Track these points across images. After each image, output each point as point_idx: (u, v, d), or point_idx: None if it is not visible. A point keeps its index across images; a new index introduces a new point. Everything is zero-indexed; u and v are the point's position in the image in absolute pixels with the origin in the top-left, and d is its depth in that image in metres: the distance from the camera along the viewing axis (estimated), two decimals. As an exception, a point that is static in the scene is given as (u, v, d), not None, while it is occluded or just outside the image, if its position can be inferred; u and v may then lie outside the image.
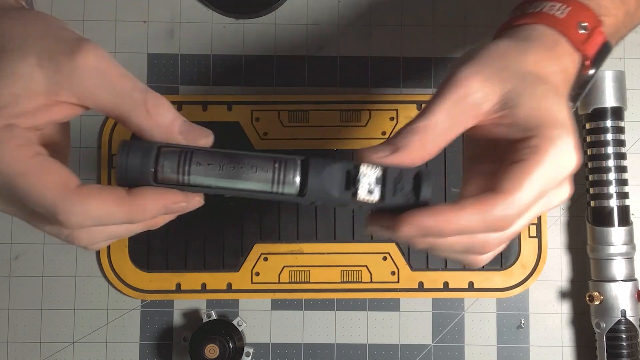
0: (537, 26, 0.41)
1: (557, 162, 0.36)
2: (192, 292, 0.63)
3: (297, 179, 0.34)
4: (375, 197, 0.34)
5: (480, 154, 0.41)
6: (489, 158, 0.40)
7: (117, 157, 0.34)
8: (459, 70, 0.38)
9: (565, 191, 0.38)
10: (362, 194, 0.34)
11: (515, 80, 0.38)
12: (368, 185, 0.34)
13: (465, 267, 0.63)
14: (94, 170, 0.64)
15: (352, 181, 0.34)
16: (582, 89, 0.44)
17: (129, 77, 0.35)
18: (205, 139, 0.36)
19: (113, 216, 0.34)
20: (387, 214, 0.36)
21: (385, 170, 0.35)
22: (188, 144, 0.35)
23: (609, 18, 0.44)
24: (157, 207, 0.35)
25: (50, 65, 0.34)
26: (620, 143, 0.61)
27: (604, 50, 0.44)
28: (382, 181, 0.35)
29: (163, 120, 0.35)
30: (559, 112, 0.37)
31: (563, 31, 0.41)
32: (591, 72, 0.43)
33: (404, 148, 0.36)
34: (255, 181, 0.34)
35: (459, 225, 0.35)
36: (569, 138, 0.36)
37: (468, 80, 0.37)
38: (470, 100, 0.37)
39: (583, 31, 0.42)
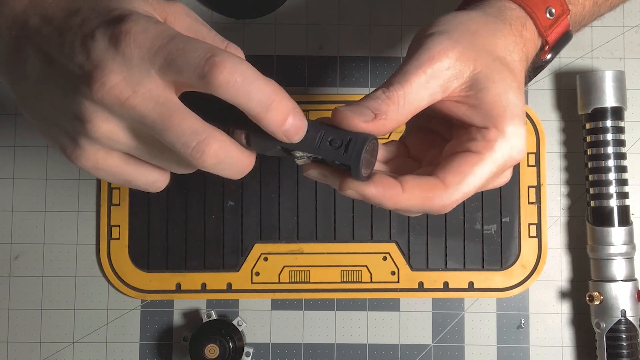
0: (510, 4, 0.42)
1: (506, 157, 0.37)
2: (192, 292, 0.63)
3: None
4: (313, 152, 0.36)
5: (423, 124, 0.42)
6: (433, 129, 0.41)
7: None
8: (434, 40, 0.38)
9: (506, 178, 0.40)
10: (298, 155, 0.36)
11: (486, 63, 0.38)
12: (304, 158, 0.37)
13: (465, 267, 0.63)
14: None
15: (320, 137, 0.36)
16: (533, 75, 0.45)
17: (210, 28, 0.41)
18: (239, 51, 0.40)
19: (260, 85, 0.34)
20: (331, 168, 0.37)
21: (343, 132, 0.36)
22: None
23: (576, 7, 0.45)
24: (288, 112, 0.34)
25: (153, 2, 0.37)
26: (620, 143, 0.61)
27: (564, 39, 0.44)
28: (332, 139, 0.36)
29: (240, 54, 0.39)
30: (517, 105, 0.38)
31: (532, 14, 0.42)
32: (548, 57, 0.44)
33: (383, 116, 0.37)
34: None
35: (399, 204, 0.36)
36: (522, 132, 0.38)
37: (444, 54, 0.37)
38: (444, 75, 0.38)
39: (550, 17, 0.42)
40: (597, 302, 0.60)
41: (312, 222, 0.64)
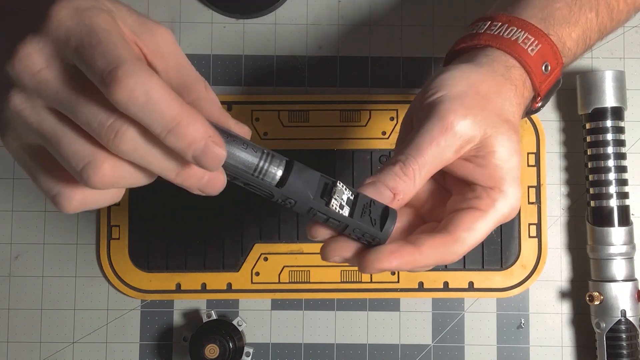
0: (512, 62, 0.43)
1: (505, 214, 0.40)
2: (192, 292, 0.63)
3: (280, 172, 0.36)
4: (346, 212, 0.36)
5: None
6: (440, 181, 0.43)
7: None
8: (446, 108, 0.39)
9: None
10: (335, 205, 0.36)
11: (495, 127, 0.40)
12: (341, 200, 0.37)
13: (465, 267, 0.63)
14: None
15: (327, 191, 0.36)
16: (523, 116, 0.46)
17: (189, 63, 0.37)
18: (240, 127, 0.37)
19: (164, 107, 0.31)
20: (348, 243, 0.38)
21: (358, 195, 0.37)
22: (223, 125, 0.36)
23: (568, 58, 0.47)
24: (204, 130, 0.31)
25: (136, 19, 0.34)
26: (620, 143, 0.61)
27: (554, 87, 0.46)
28: (353, 203, 0.37)
29: (214, 97, 0.36)
30: (518, 168, 0.41)
31: (530, 72, 0.43)
32: (539, 105, 0.46)
33: (401, 195, 0.39)
34: (241, 157, 0.35)
35: (419, 264, 0.38)
36: (519, 194, 0.40)
37: (457, 123, 0.39)
38: (457, 143, 0.39)
39: (545, 71, 0.44)
40: (597, 302, 0.60)
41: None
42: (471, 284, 0.63)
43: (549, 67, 0.44)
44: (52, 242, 0.64)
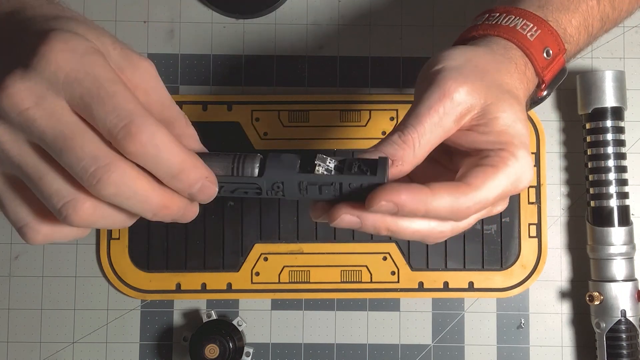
0: (511, 45, 0.43)
1: (516, 175, 0.38)
2: (192, 292, 0.63)
3: (257, 164, 0.37)
4: (332, 172, 0.36)
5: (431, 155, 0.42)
6: (435, 158, 0.42)
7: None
8: (444, 77, 0.39)
9: (504, 205, 0.41)
10: (320, 170, 0.36)
11: (496, 95, 0.39)
12: (326, 165, 0.36)
13: (465, 267, 0.63)
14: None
15: (309, 162, 0.37)
16: (528, 110, 0.46)
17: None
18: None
19: (171, 157, 0.33)
20: (352, 204, 0.37)
21: (344, 159, 0.37)
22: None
23: (571, 45, 0.46)
24: (203, 173, 0.35)
25: (120, 52, 0.35)
26: (620, 143, 0.61)
27: (560, 75, 0.46)
28: (340, 166, 0.37)
29: (194, 132, 0.38)
30: (525, 135, 0.39)
31: (530, 56, 0.43)
32: (544, 94, 0.46)
33: (399, 162, 0.38)
34: (217, 164, 0.36)
35: (431, 207, 0.36)
36: (529, 160, 0.39)
37: (455, 90, 0.38)
38: (457, 111, 0.38)
39: (547, 57, 0.44)
40: (597, 302, 0.60)
41: (312, 222, 0.63)
42: (471, 284, 0.63)
43: (551, 52, 0.43)
44: (52, 242, 0.64)
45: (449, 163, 0.42)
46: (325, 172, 0.36)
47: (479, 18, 0.46)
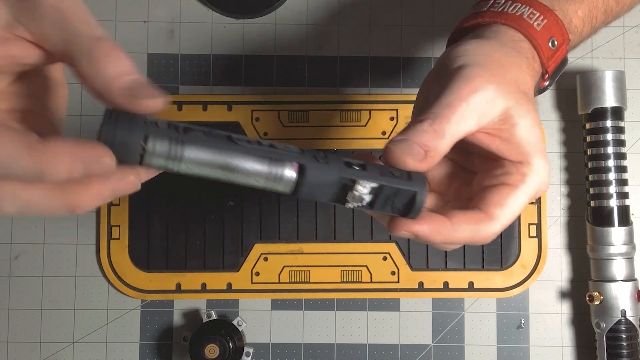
0: (519, 36, 0.42)
1: (537, 190, 0.39)
2: (192, 292, 0.63)
3: (294, 179, 0.34)
4: (365, 204, 0.35)
5: (451, 157, 0.42)
6: (452, 159, 0.42)
7: (101, 127, 0.31)
8: (472, 72, 0.38)
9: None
10: (352, 204, 0.35)
11: (516, 98, 0.39)
12: (360, 196, 0.35)
13: (465, 267, 0.63)
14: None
15: (344, 193, 0.35)
16: None
17: (87, 22, 0.32)
18: (151, 100, 0.32)
19: (19, 160, 0.29)
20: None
21: (382, 186, 0.35)
22: (128, 106, 0.32)
23: (575, 35, 0.46)
24: (73, 158, 0.30)
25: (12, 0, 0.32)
26: (620, 143, 0.61)
27: (562, 65, 0.45)
28: (376, 193, 0.35)
29: (106, 71, 0.31)
30: (541, 140, 0.39)
31: (537, 46, 0.42)
32: (547, 84, 0.45)
33: (432, 152, 0.37)
34: (250, 177, 0.33)
35: (450, 238, 0.37)
36: (547, 166, 0.39)
37: (484, 87, 0.37)
38: (481, 108, 0.38)
39: (552, 47, 0.43)
40: (597, 302, 0.60)
41: (312, 222, 0.64)
42: (471, 284, 0.63)
43: (556, 43, 0.43)
44: (52, 242, 0.64)
45: (465, 162, 0.42)
46: (357, 204, 0.35)
47: (483, 4, 0.45)
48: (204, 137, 0.32)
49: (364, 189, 0.35)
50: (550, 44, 0.43)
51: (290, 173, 0.34)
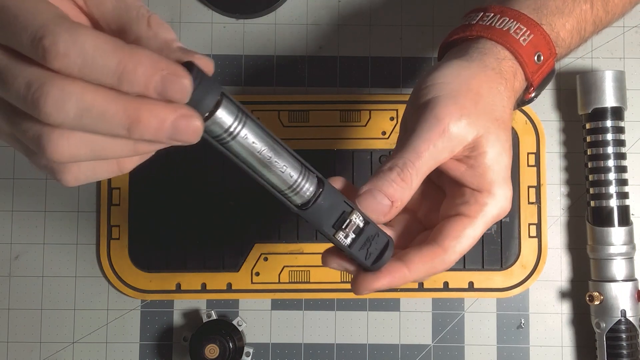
0: (504, 52, 0.43)
1: (494, 216, 0.41)
2: (192, 292, 0.63)
3: (309, 194, 0.36)
4: (347, 242, 0.38)
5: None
6: (434, 179, 0.43)
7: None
8: (441, 108, 0.39)
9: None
10: (341, 236, 0.38)
11: (487, 127, 0.40)
12: (350, 230, 0.38)
13: (465, 267, 0.63)
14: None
15: (342, 221, 0.38)
16: (515, 108, 0.46)
17: None
18: (204, 61, 0.32)
19: (104, 56, 0.28)
20: (347, 258, 0.40)
21: (367, 225, 0.38)
22: (184, 59, 0.32)
23: (562, 49, 0.46)
24: (155, 66, 0.29)
25: None
26: (620, 143, 0.61)
27: (548, 78, 0.46)
28: (360, 231, 0.38)
29: (163, 35, 0.32)
30: (507, 168, 0.41)
31: (522, 61, 0.43)
32: (532, 96, 0.46)
33: (398, 202, 0.39)
34: (279, 179, 0.35)
35: (409, 279, 0.40)
36: (509, 193, 0.41)
37: (453, 124, 0.39)
38: (452, 144, 0.39)
39: (537, 62, 0.44)
40: (597, 302, 0.60)
41: (312, 222, 0.64)
42: (471, 284, 0.63)
43: (542, 57, 0.44)
44: (52, 242, 0.64)
45: (437, 179, 0.43)
46: (344, 239, 0.38)
47: (473, 15, 0.45)
48: (260, 126, 0.34)
49: (358, 220, 0.38)
50: (535, 59, 0.43)
51: (312, 185, 0.36)
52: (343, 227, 0.37)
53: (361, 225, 0.38)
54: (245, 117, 0.33)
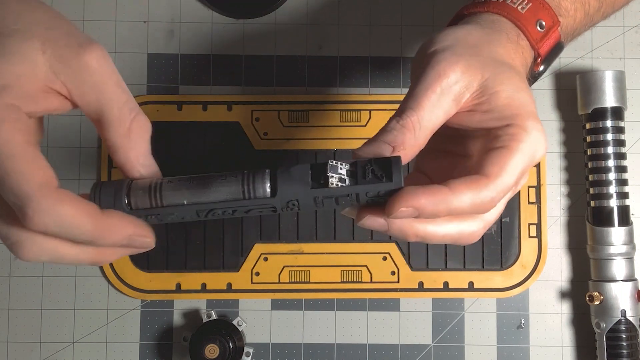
0: (501, 18, 0.42)
1: (532, 150, 0.37)
2: (192, 292, 0.63)
3: (267, 183, 0.35)
4: (347, 182, 0.35)
5: (436, 146, 0.41)
6: (447, 150, 0.42)
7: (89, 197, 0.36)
8: (438, 58, 0.38)
9: (526, 178, 0.39)
10: (334, 182, 0.35)
11: (492, 70, 0.38)
12: (339, 174, 0.35)
13: (465, 267, 0.63)
14: (94, 170, 0.64)
15: (321, 174, 0.35)
16: (529, 85, 0.45)
17: (124, 90, 0.36)
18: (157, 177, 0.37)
19: (80, 227, 0.33)
20: (377, 207, 0.36)
21: (356, 162, 0.36)
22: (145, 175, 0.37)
23: (567, 19, 0.46)
24: (124, 233, 0.35)
25: (52, 54, 0.34)
26: (620, 143, 0.61)
27: (556, 50, 0.45)
28: (353, 171, 0.35)
29: (135, 149, 0.36)
30: (530, 103, 0.38)
31: (522, 27, 0.42)
32: (541, 68, 0.45)
33: (401, 147, 0.37)
34: (226, 189, 0.35)
35: (452, 205, 0.35)
36: (540, 128, 0.37)
37: (450, 70, 0.38)
38: (454, 90, 0.38)
39: (540, 29, 0.43)
40: (597, 302, 0.60)
41: (312, 222, 0.64)
42: (471, 284, 0.63)
43: (544, 24, 0.43)
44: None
45: (463, 150, 0.41)
46: (339, 183, 0.35)
47: None
48: (171, 183, 0.36)
49: (339, 165, 0.35)
50: (538, 27, 0.43)
51: (263, 178, 0.35)
52: (326, 174, 0.35)
53: (349, 167, 0.35)
54: (157, 179, 0.36)
